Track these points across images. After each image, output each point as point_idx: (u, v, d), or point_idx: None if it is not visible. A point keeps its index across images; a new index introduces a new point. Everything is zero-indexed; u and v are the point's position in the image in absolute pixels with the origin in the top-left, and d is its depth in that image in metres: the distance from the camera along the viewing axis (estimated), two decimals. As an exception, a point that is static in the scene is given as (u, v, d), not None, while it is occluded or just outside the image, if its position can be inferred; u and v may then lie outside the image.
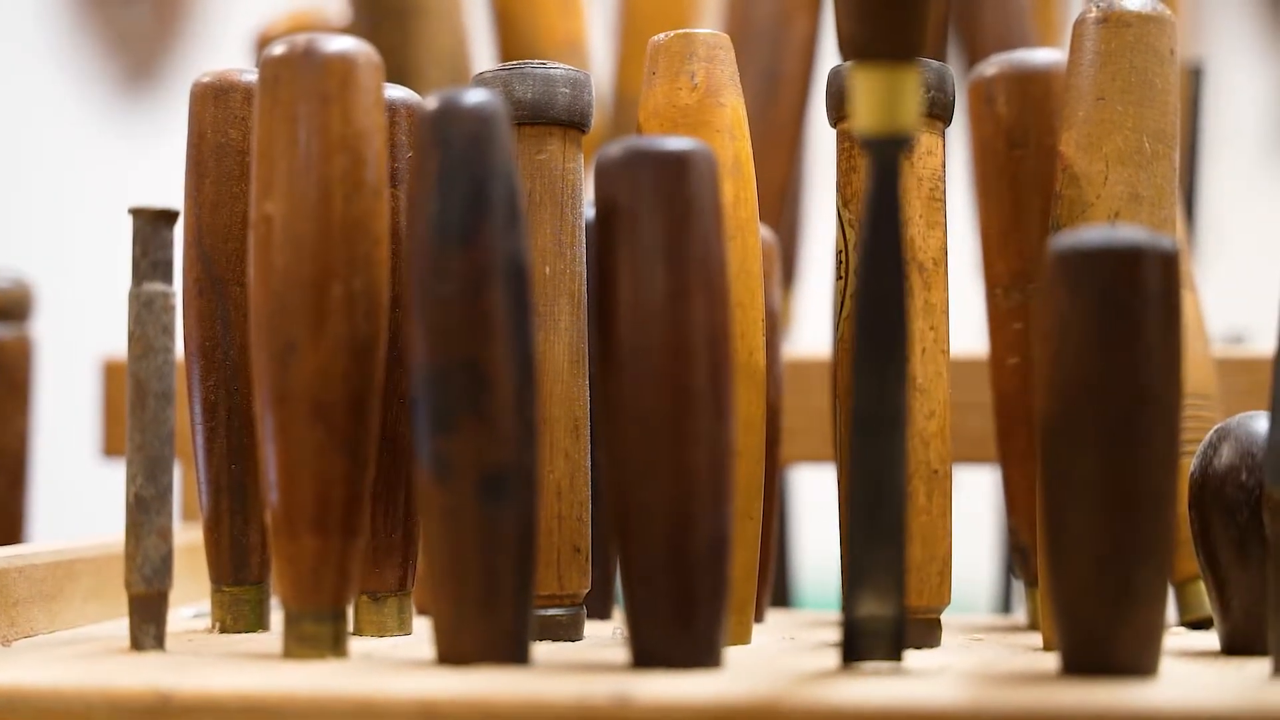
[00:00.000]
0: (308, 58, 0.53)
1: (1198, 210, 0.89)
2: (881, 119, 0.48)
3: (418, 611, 0.65)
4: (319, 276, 0.52)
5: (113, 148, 2.07)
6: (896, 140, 0.49)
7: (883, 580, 0.49)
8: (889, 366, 0.48)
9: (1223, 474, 0.57)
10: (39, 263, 1.24)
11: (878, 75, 0.48)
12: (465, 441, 0.50)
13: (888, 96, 0.48)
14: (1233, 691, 0.46)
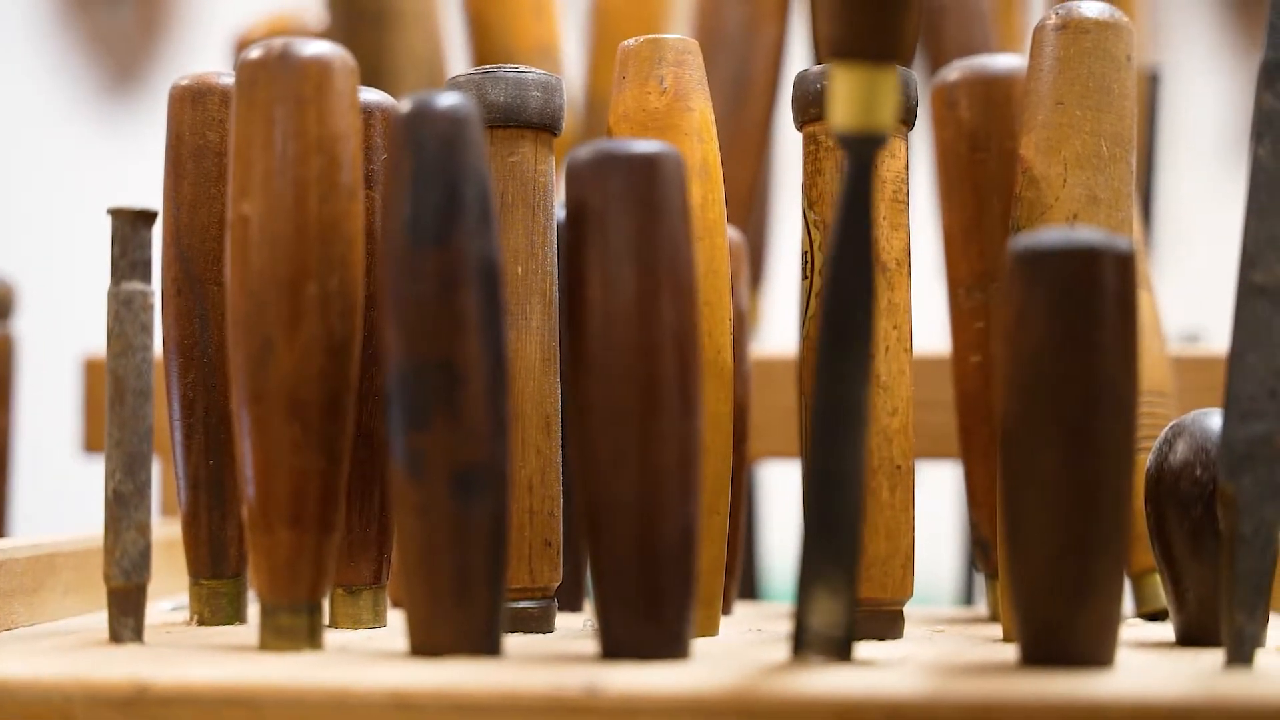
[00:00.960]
0: (284, 61, 0.53)
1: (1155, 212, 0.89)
2: (859, 117, 0.48)
3: (393, 604, 0.65)
4: (295, 276, 0.52)
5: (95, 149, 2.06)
6: (872, 138, 0.49)
7: (836, 582, 0.49)
8: (854, 362, 0.48)
9: (1178, 469, 0.57)
10: (21, 262, 1.24)
11: (856, 74, 0.48)
12: (438, 438, 0.50)
13: (866, 95, 0.48)
14: (1187, 682, 0.46)
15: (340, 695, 0.46)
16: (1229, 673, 0.49)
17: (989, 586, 0.67)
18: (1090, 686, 0.45)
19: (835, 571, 0.49)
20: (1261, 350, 0.50)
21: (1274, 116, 0.50)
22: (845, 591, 0.49)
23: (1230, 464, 0.50)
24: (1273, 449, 0.50)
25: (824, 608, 0.49)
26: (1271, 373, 0.50)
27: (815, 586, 0.49)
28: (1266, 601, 0.51)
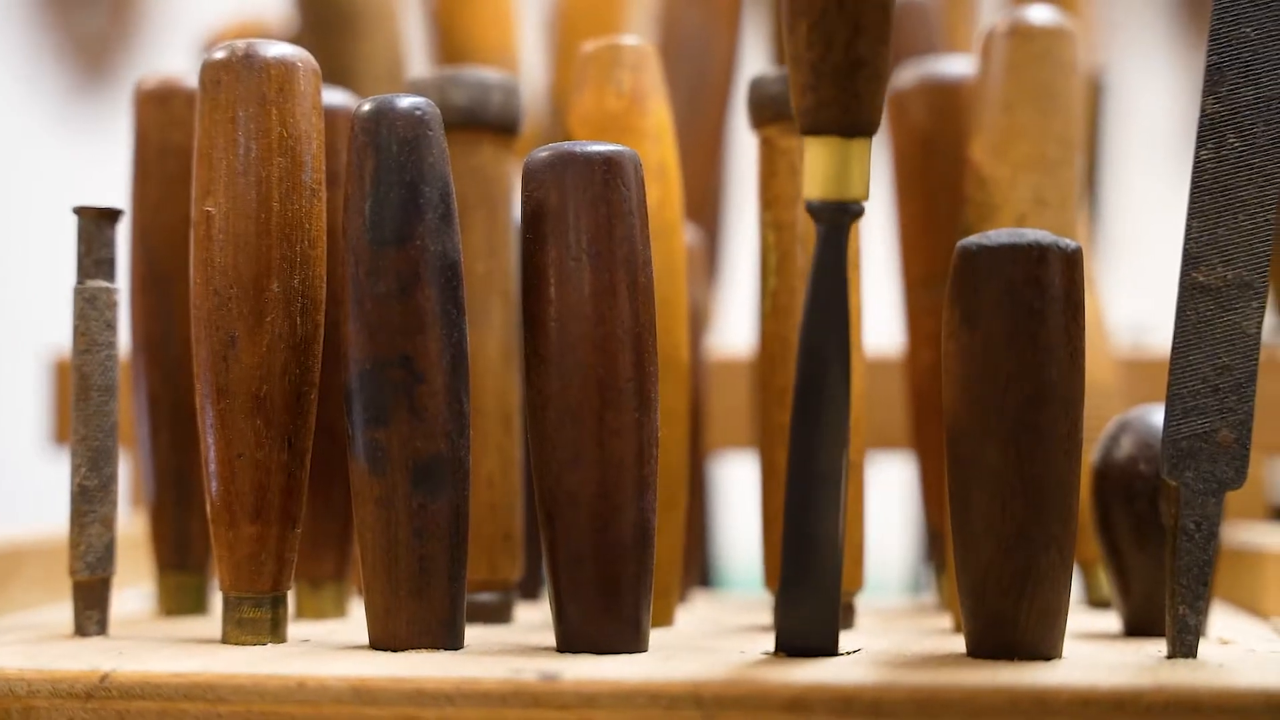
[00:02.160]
0: (247, 62, 0.52)
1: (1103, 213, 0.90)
2: (831, 188, 0.48)
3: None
4: (258, 274, 0.52)
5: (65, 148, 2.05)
6: (845, 209, 0.48)
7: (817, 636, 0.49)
8: (829, 430, 0.48)
9: (1123, 464, 0.57)
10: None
11: (828, 147, 0.48)
12: (398, 433, 0.50)
13: (838, 167, 0.48)
14: (1130, 672, 0.46)
15: (299, 686, 0.46)
16: (1172, 663, 0.49)
17: (939, 578, 0.67)
18: (1035, 676, 0.45)
19: (816, 629, 0.49)
20: (1203, 348, 0.50)
21: (1217, 120, 0.50)
22: (826, 640, 0.49)
23: (1173, 459, 0.50)
24: (1214, 444, 0.50)
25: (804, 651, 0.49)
26: (1213, 369, 0.50)
27: (795, 639, 0.49)
28: (1208, 593, 0.51)
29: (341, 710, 0.46)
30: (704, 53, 0.83)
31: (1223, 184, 0.50)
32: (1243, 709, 0.44)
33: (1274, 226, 0.50)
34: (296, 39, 0.76)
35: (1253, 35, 0.50)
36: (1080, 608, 0.68)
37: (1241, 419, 0.50)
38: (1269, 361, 0.77)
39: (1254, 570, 0.66)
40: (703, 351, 0.70)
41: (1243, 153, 0.50)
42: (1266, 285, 0.50)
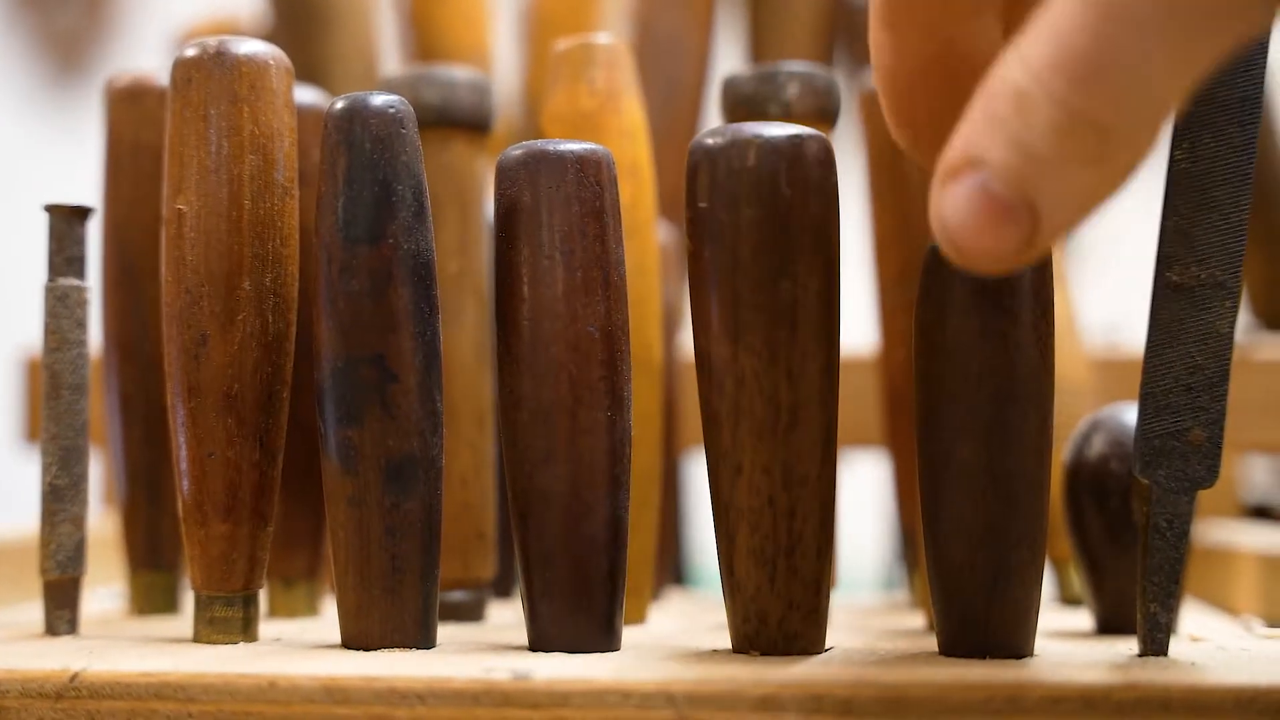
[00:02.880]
0: (219, 59, 0.52)
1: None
2: None
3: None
4: (229, 272, 0.52)
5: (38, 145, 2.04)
6: None
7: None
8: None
9: (1095, 463, 0.57)
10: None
11: None
12: (371, 432, 0.50)
13: None
14: (1102, 670, 0.46)
15: (270, 685, 0.46)
16: (1143, 661, 0.49)
17: (911, 576, 0.67)
18: (1007, 674, 0.45)
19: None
20: (1176, 347, 0.50)
21: (1191, 121, 0.50)
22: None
23: (1145, 457, 0.50)
24: (1187, 443, 0.50)
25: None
26: (1185, 369, 0.50)
27: None
28: (1180, 592, 0.52)
29: (313, 709, 0.46)
30: (678, 51, 0.83)
31: (1197, 184, 0.50)
32: (1212, 706, 0.44)
33: (1247, 227, 0.50)
34: (270, 36, 0.76)
35: (1225, 35, 0.50)
36: (1053, 606, 0.68)
37: (1214, 418, 0.50)
38: (1241, 361, 0.77)
39: (1226, 568, 0.66)
40: (676, 350, 0.70)
41: (1217, 153, 0.50)
42: (1240, 285, 0.50)
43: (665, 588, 0.71)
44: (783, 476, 0.49)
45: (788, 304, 0.48)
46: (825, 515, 0.49)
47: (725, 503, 0.49)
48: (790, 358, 0.48)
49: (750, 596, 0.49)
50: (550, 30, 0.80)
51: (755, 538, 0.49)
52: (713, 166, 0.49)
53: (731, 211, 0.48)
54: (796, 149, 0.48)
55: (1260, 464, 0.89)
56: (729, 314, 0.49)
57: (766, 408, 0.48)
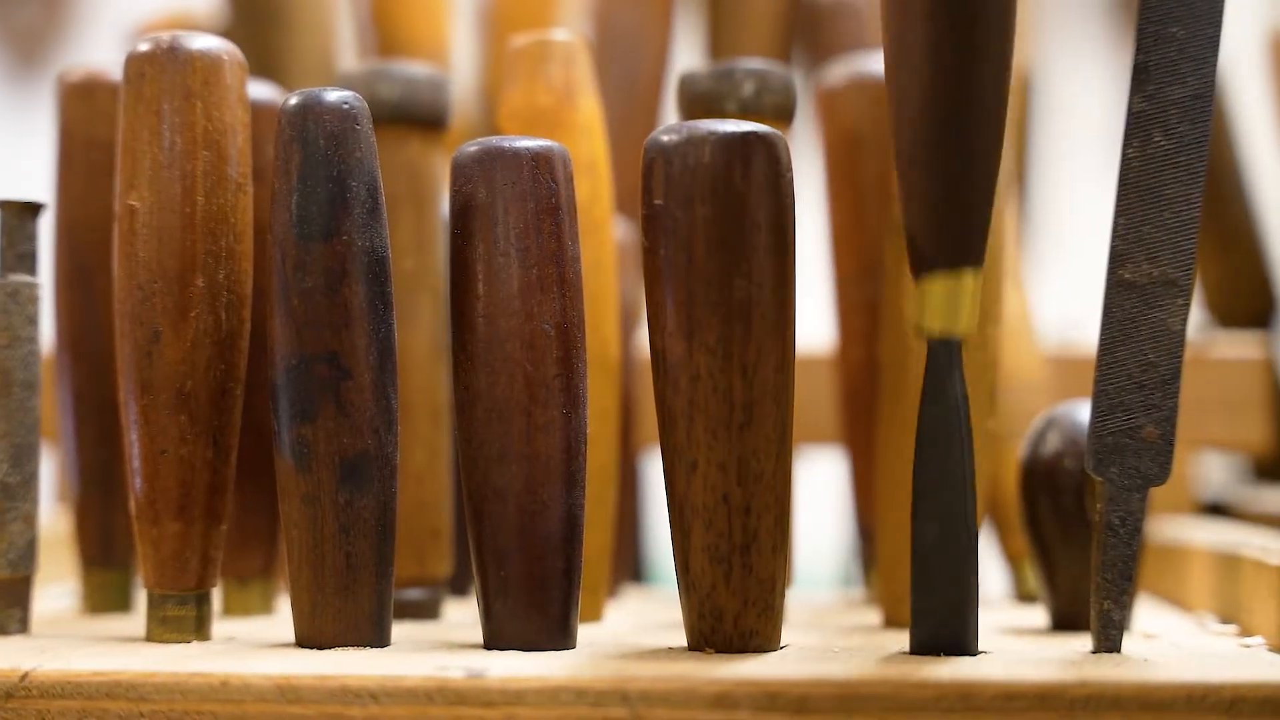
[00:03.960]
0: (172, 55, 0.52)
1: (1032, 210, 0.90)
2: (944, 323, 0.48)
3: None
4: (182, 269, 0.51)
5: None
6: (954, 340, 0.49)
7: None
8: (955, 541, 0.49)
9: (1049, 460, 0.57)
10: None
11: (943, 284, 0.48)
12: (325, 429, 0.49)
13: (950, 303, 0.48)
14: (1055, 667, 0.47)
15: (223, 684, 0.45)
16: (1096, 658, 0.49)
17: (868, 573, 0.67)
18: (961, 671, 0.45)
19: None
20: (1129, 344, 0.50)
21: (1143, 118, 0.51)
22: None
23: (1098, 455, 0.50)
24: (1139, 440, 0.50)
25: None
26: (1138, 366, 0.50)
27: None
28: (1133, 588, 0.52)
29: (265, 708, 0.45)
30: (637, 48, 0.83)
31: (1149, 182, 0.50)
32: (1164, 703, 0.44)
33: (1199, 224, 0.50)
34: (226, 32, 0.75)
35: (1180, 34, 0.50)
36: (1008, 602, 0.69)
37: (1166, 415, 0.50)
38: (1197, 359, 0.78)
39: (1180, 565, 0.66)
40: (634, 348, 0.70)
41: (1169, 151, 0.50)
42: (1192, 283, 0.50)
43: (623, 585, 0.71)
44: (738, 473, 0.49)
45: (742, 301, 0.48)
46: (780, 512, 0.49)
47: (680, 500, 0.49)
48: (745, 355, 0.48)
49: (705, 594, 0.49)
50: (509, 26, 0.80)
51: (710, 535, 0.49)
52: (668, 163, 0.49)
53: (686, 208, 0.48)
54: (751, 146, 0.48)
55: (1215, 461, 0.90)
56: (683, 311, 0.48)
57: (721, 405, 0.48)
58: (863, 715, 0.44)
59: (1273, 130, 0.86)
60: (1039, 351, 0.70)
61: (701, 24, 0.89)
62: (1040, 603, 0.61)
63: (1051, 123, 1.03)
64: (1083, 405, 0.57)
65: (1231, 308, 0.86)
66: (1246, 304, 0.86)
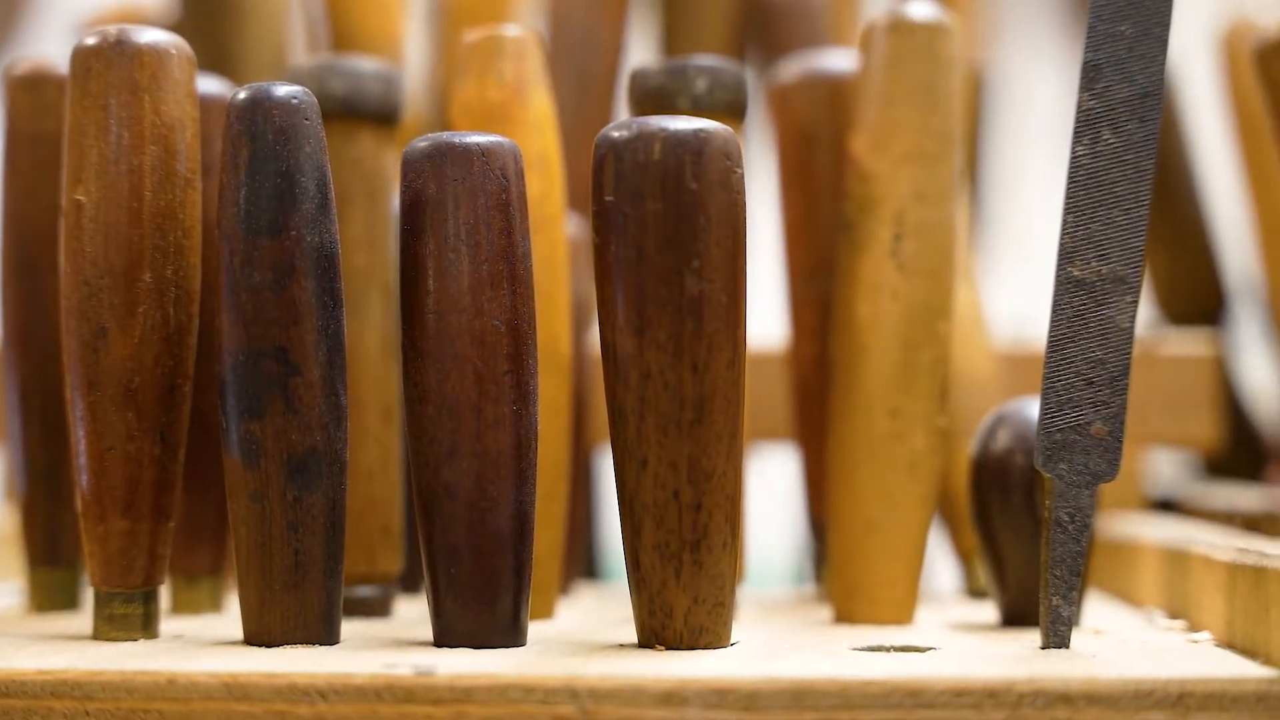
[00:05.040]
0: (119, 48, 0.51)
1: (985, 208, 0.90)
2: None
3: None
4: (129, 264, 0.51)
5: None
6: None
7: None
8: None
9: (999, 456, 0.57)
10: None
11: None
12: (273, 426, 0.49)
13: None
14: (1004, 663, 0.47)
15: (169, 683, 0.45)
16: (1045, 654, 0.49)
17: (819, 569, 0.67)
18: (910, 667, 0.46)
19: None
20: (1078, 342, 0.50)
21: (1093, 116, 0.51)
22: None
23: (1047, 451, 0.50)
24: (1088, 437, 0.50)
25: None
26: (1087, 363, 0.50)
27: None
28: (1082, 584, 0.52)
29: (212, 706, 0.45)
30: (590, 44, 0.83)
31: (1098, 179, 0.51)
32: (1111, 698, 0.44)
33: (1148, 222, 0.51)
34: (176, 26, 0.75)
35: (1129, 33, 0.51)
36: (958, 598, 0.69)
37: (1115, 412, 0.50)
38: (1146, 356, 0.78)
39: (1129, 561, 0.66)
40: (587, 345, 0.70)
41: (1118, 149, 0.51)
42: (1140, 280, 0.51)
43: (575, 582, 0.71)
44: (688, 470, 0.49)
45: (693, 297, 0.48)
46: (731, 509, 0.49)
47: (631, 497, 0.49)
48: (695, 351, 0.48)
49: (656, 591, 0.49)
50: (462, 21, 0.80)
51: (660, 532, 0.49)
52: (618, 160, 0.49)
53: (636, 205, 0.48)
54: (702, 142, 0.48)
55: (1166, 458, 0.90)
56: (634, 308, 0.48)
57: (671, 401, 0.48)
58: (812, 712, 0.44)
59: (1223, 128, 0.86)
60: (991, 348, 0.70)
61: (655, 20, 0.89)
62: (990, 599, 0.61)
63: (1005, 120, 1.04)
64: (1033, 402, 0.58)
65: (1182, 305, 0.87)
66: (1197, 301, 0.87)
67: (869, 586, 0.58)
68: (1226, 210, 0.90)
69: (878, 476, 0.58)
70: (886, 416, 0.58)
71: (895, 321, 0.58)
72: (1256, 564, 0.49)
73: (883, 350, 0.58)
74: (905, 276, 0.58)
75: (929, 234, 0.58)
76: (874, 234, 0.58)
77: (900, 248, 0.58)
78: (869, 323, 0.58)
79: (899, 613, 0.58)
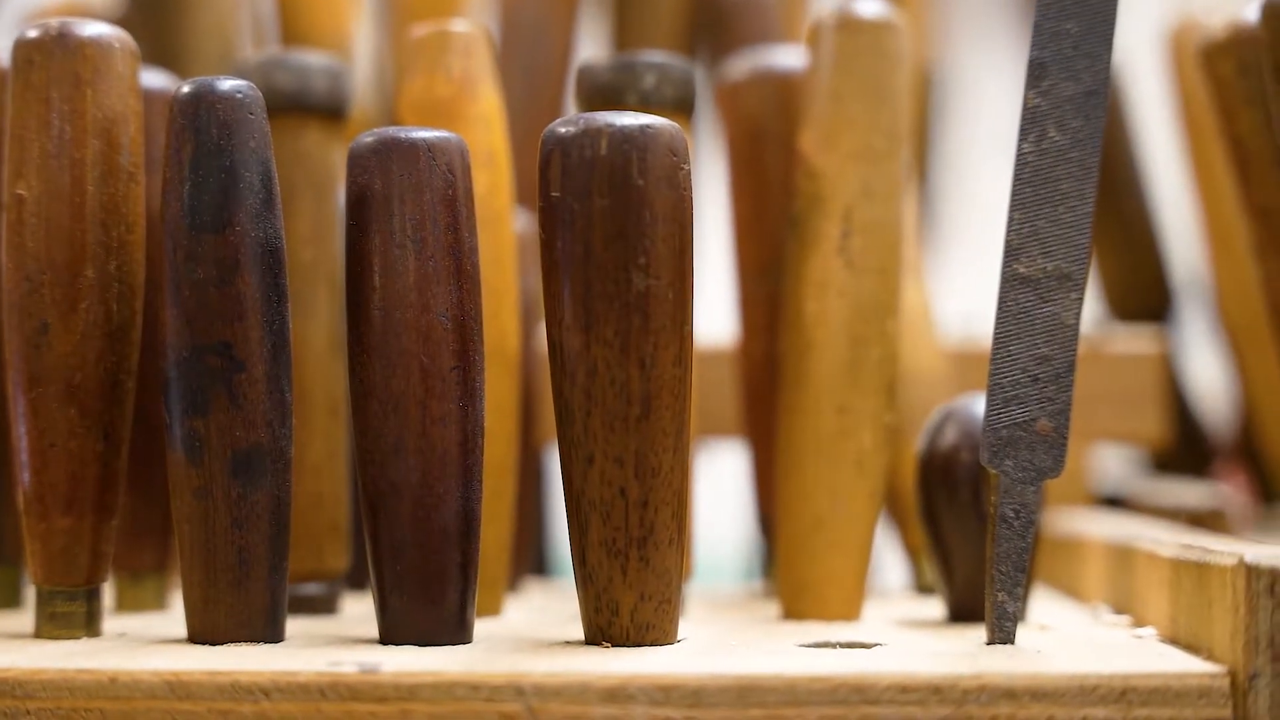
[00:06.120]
0: (61, 42, 0.51)
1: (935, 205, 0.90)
2: None
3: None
4: (72, 259, 0.50)
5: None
6: None
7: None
8: None
9: (946, 453, 0.57)
10: None
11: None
12: (217, 422, 0.49)
13: None
14: (949, 659, 0.47)
15: (111, 681, 0.45)
16: (990, 649, 0.49)
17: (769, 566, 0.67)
18: (855, 664, 0.46)
19: None
20: (1023, 338, 0.51)
21: (1038, 114, 0.51)
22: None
23: (993, 448, 0.50)
24: (1033, 433, 0.50)
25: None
26: (1032, 360, 0.50)
27: None
28: (1027, 580, 0.52)
29: (154, 705, 0.45)
30: (541, 39, 0.82)
31: (1043, 177, 0.51)
32: (1056, 693, 0.44)
33: (1093, 219, 0.51)
34: (123, 20, 0.74)
35: (1074, 30, 0.51)
36: (907, 594, 0.69)
37: (1060, 408, 0.50)
38: (1094, 353, 0.79)
39: (1077, 557, 0.67)
40: (537, 342, 0.69)
41: (1063, 146, 0.51)
42: (1085, 277, 0.51)
43: (525, 579, 0.70)
44: (635, 467, 0.48)
45: (640, 294, 0.48)
46: (678, 506, 0.49)
47: (577, 493, 0.49)
48: (642, 348, 0.48)
49: (602, 587, 0.49)
50: (412, 16, 0.79)
51: (607, 529, 0.49)
52: (565, 155, 0.49)
53: (583, 201, 0.48)
54: (648, 139, 0.48)
55: (1114, 454, 0.91)
56: (580, 304, 0.48)
57: (618, 398, 0.48)
58: (757, 708, 0.44)
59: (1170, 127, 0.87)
60: (939, 345, 0.70)
61: (606, 17, 0.89)
62: (938, 595, 0.62)
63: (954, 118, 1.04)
64: (979, 399, 0.58)
65: (1129, 302, 0.87)
66: (1144, 298, 0.87)
67: (816, 583, 0.58)
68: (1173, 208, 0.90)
69: (825, 473, 0.58)
70: (834, 413, 0.58)
71: (843, 319, 0.58)
72: (1200, 560, 0.49)
73: (831, 347, 0.58)
74: (853, 274, 0.58)
75: (877, 231, 0.58)
76: (822, 231, 0.58)
77: (848, 245, 0.58)
78: (817, 320, 0.58)
79: (846, 609, 0.58)
